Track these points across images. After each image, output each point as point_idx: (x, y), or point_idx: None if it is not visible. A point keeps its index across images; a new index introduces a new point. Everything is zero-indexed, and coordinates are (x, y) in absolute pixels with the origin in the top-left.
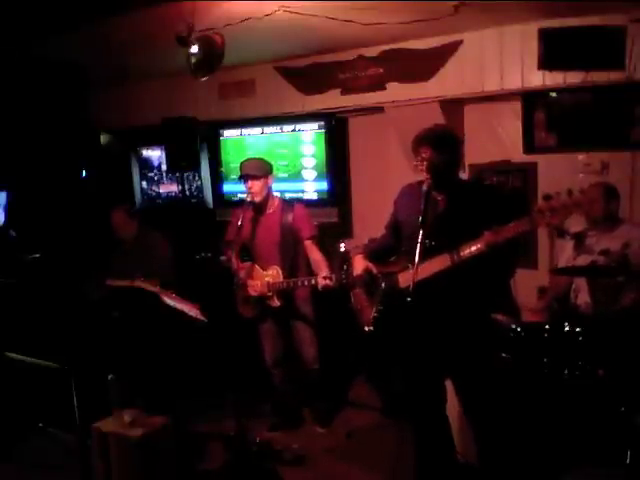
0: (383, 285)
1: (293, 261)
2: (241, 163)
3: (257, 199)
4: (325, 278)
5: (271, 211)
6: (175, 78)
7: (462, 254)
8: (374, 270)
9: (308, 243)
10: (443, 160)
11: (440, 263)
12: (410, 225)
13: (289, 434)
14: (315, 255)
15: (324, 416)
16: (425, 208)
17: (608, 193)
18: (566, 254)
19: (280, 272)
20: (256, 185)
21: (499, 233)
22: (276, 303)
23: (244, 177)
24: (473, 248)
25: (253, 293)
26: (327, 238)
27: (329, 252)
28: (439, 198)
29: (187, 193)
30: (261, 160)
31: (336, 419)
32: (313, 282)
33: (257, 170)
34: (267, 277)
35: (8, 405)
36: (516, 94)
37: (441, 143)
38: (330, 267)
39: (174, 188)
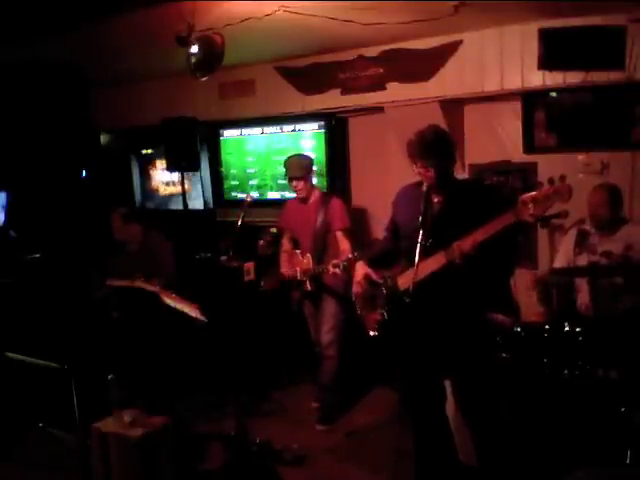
0: (384, 289)
1: (323, 250)
2: (285, 162)
3: (302, 195)
4: (334, 266)
5: (310, 202)
6: (175, 78)
7: (455, 251)
8: (373, 276)
9: (339, 234)
10: (443, 164)
11: (435, 262)
12: (408, 227)
13: (289, 434)
14: (343, 246)
15: (328, 413)
16: (425, 209)
17: (613, 197)
18: (566, 248)
19: (311, 259)
20: (300, 184)
21: (487, 228)
22: (308, 288)
23: (289, 178)
24: (465, 244)
25: (285, 273)
26: None
27: None
28: (436, 199)
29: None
30: (302, 157)
31: (336, 419)
32: (327, 270)
33: (300, 171)
34: (302, 264)
35: (8, 405)
36: (516, 94)
37: (441, 148)
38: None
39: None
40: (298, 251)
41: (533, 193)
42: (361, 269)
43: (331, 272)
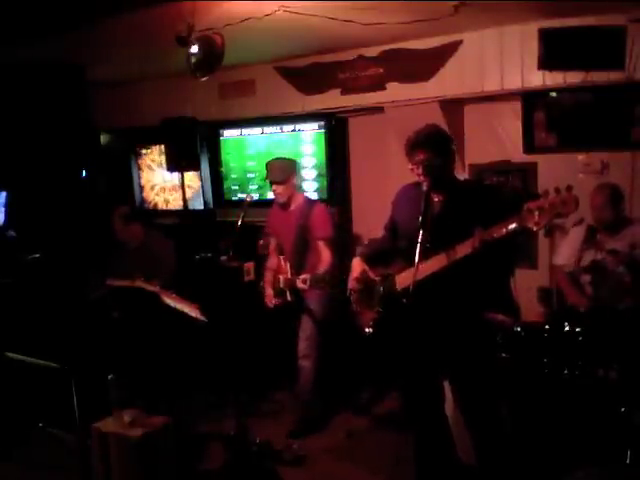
0: (381, 288)
1: (303, 259)
2: (267, 164)
3: (281, 200)
4: (302, 281)
5: (293, 208)
6: (175, 78)
7: (457, 253)
8: (370, 273)
9: (320, 243)
10: (438, 161)
11: (436, 263)
12: (407, 226)
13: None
14: (323, 256)
15: (301, 427)
16: (425, 209)
17: (614, 197)
18: (571, 244)
19: (289, 268)
20: (280, 188)
21: (490, 232)
22: (288, 298)
23: (270, 182)
24: (467, 247)
25: (269, 302)
26: None
27: None
28: (436, 199)
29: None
30: (285, 161)
31: (336, 419)
32: (295, 282)
33: (281, 175)
34: (284, 272)
35: (8, 405)
36: (516, 94)
37: (435, 145)
38: (331, 270)
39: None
40: (282, 257)
41: (539, 201)
42: (358, 266)
43: (299, 286)
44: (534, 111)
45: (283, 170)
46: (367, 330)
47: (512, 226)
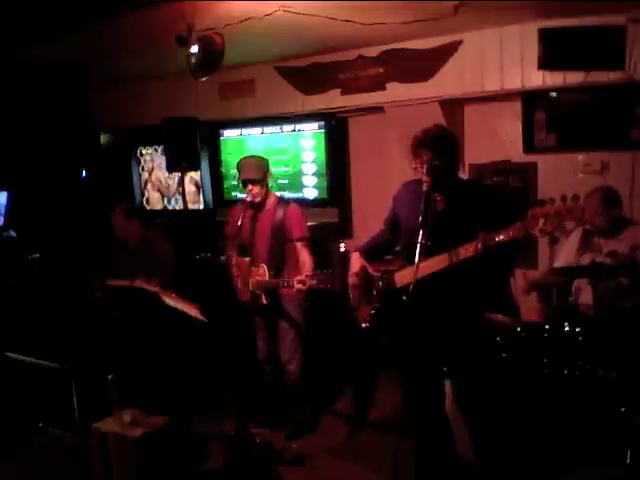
0: (380, 284)
1: (280, 260)
2: (238, 163)
3: (257, 200)
4: (299, 282)
5: (267, 208)
6: (175, 78)
7: (460, 254)
8: (369, 269)
9: (298, 244)
10: (443, 162)
11: (438, 263)
12: (409, 223)
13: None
14: (303, 257)
15: (298, 428)
16: (425, 209)
17: (608, 201)
18: (569, 248)
19: (266, 270)
20: (256, 187)
21: (494, 236)
22: (263, 301)
23: (243, 181)
24: (470, 249)
25: (244, 296)
26: (327, 238)
27: (328, 252)
28: (438, 198)
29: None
30: (258, 159)
31: (334, 420)
32: (290, 284)
33: (256, 173)
34: (256, 275)
35: (8, 405)
36: (516, 94)
37: (441, 146)
38: (314, 270)
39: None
40: (247, 259)
41: (544, 208)
42: (357, 261)
43: (295, 288)
44: (534, 111)
45: (258, 168)
46: (364, 325)
47: (517, 232)
